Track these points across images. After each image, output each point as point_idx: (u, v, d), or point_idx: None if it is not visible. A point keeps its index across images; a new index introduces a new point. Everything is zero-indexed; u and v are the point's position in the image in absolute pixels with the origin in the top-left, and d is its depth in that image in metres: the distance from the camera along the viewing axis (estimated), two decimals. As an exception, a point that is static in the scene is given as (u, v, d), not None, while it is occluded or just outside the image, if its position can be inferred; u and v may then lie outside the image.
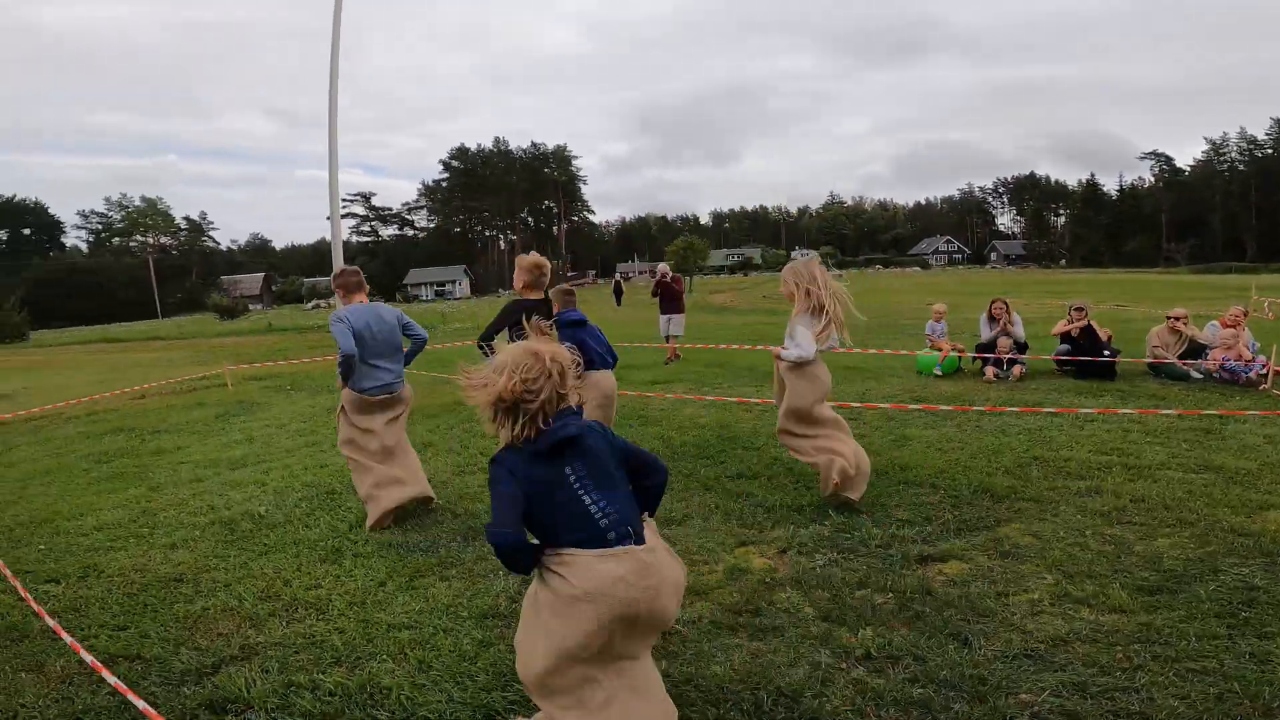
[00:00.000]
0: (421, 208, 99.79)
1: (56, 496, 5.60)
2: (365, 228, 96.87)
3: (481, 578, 3.53)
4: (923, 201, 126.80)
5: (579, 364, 2.11)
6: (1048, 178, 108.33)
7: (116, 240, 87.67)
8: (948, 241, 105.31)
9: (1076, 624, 2.79)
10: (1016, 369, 8.48)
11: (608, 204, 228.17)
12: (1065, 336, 8.65)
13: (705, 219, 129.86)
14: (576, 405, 2.08)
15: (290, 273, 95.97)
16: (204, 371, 14.09)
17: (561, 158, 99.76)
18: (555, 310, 4.81)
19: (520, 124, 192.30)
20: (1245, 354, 7.70)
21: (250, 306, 63.05)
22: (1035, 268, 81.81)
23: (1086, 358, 8.18)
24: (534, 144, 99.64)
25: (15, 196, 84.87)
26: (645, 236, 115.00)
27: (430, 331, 9.35)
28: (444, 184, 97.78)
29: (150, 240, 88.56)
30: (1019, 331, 8.93)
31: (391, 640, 2.92)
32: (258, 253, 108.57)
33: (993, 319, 9.12)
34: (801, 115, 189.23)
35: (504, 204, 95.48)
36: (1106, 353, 8.26)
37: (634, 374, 10.25)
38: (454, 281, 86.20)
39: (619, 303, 34.37)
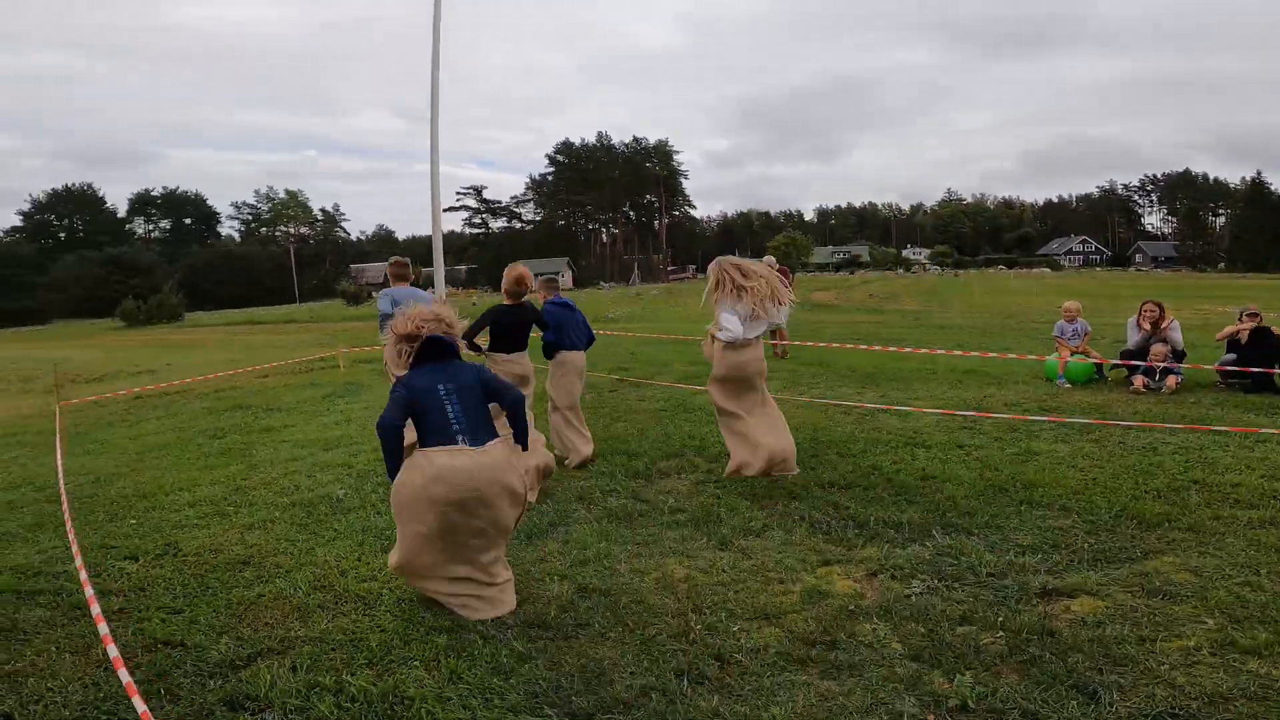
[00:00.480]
0: (528, 201, 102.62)
1: (164, 470, 5.91)
2: (476, 220, 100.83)
3: (536, 581, 3.31)
4: (1054, 199, 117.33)
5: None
6: (1205, 175, 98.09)
7: (264, 230, 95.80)
8: (1083, 242, 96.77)
9: (1243, 678, 2.33)
10: (1171, 379, 7.36)
11: (709, 199, 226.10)
12: (1232, 344, 7.45)
13: (810, 215, 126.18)
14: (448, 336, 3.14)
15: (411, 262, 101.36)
16: (323, 353, 14.91)
17: (663, 152, 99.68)
18: (542, 299, 5.64)
19: (622, 119, 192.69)
20: None
21: (373, 294, 67.16)
22: (1188, 271, 73.64)
23: (1258, 369, 6.98)
24: (635, 138, 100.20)
25: (178, 189, 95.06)
26: (747, 232, 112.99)
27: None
28: (549, 178, 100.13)
29: (291, 230, 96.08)
30: (1176, 337, 7.75)
31: (429, 644, 2.74)
32: (383, 243, 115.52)
33: (1143, 323, 7.98)
34: (915, 109, 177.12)
35: (606, 198, 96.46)
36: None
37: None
38: (558, 273, 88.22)
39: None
